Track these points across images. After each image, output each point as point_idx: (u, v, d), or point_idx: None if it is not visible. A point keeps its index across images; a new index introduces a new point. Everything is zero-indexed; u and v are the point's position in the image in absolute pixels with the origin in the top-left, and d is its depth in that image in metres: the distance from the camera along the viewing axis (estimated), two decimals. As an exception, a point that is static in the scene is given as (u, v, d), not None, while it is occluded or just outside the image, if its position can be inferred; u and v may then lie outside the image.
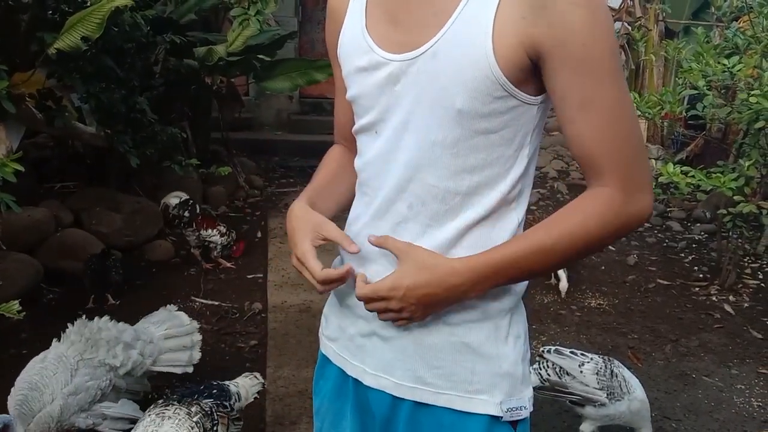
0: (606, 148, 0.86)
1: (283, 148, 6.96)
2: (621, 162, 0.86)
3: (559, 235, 0.87)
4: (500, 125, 0.88)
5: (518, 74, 0.85)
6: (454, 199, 0.91)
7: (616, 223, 0.88)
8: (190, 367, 2.37)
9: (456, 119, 0.87)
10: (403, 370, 0.96)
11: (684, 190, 3.35)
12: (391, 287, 0.88)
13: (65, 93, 3.53)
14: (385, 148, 0.96)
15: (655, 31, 6.13)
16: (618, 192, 0.86)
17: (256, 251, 4.20)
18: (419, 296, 0.88)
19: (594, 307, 3.57)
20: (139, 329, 2.29)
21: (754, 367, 2.98)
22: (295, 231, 0.99)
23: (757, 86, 3.14)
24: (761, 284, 3.98)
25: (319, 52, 7.80)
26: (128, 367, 2.10)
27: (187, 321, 2.44)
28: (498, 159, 0.90)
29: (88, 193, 4.09)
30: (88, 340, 2.06)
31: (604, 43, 0.84)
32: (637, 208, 0.88)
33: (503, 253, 0.88)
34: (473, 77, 0.84)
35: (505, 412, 0.93)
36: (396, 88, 0.92)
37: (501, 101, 0.86)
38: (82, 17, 2.85)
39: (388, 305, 0.89)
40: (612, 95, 0.85)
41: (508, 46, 0.83)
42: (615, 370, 2.15)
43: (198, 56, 4.16)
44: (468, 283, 0.88)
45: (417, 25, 0.89)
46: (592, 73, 0.84)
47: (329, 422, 1.10)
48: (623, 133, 0.86)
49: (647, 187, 0.89)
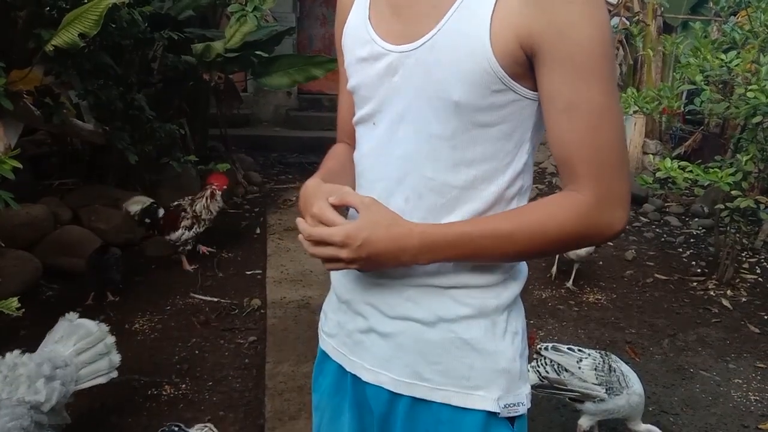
0: (585, 154, 0.84)
1: (281, 144, 6.96)
2: (598, 170, 0.84)
3: (517, 226, 0.87)
4: (499, 119, 0.88)
5: (516, 68, 0.84)
6: (451, 193, 0.91)
7: (580, 231, 0.86)
8: (113, 372, 2.17)
9: (454, 111, 0.87)
10: (401, 366, 0.96)
11: (682, 185, 3.36)
12: (347, 236, 0.86)
13: (63, 90, 3.52)
14: (382, 140, 0.96)
15: (653, 25, 6.12)
16: (589, 200, 0.85)
17: (254, 247, 4.20)
18: (373, 250, 0.87)
19: (592, 302, 3.58)
20: (52, 356, 2.04)
21: (751, 362, 3.00)
22: (308, 197, 0.95)
23: (755, 81, 3.14)
24: (759, 279, 3.99)
25: (318, 48, 7.80)
26: (53, 402, 1.90)
27: (94, 328, 2.20)
28: (497, 153, 0.90)
29: (87, 190, 4.09)
30: (5, 378, 1.88)
31: (599, 45, 0.82)
32: (608, 220, 0.86)
33: (460, 229, 0.88)
34: (471, 70, 0.84)
35: (502, 408, 0.93)
36: (394, 79, 0.92)
37: (499, 95, 0.86)
38: (80, 14, 2.85)
39: (338, 253, 0.87)
40: (599, 101, 0.83)
41: (505, 39, 0.82)
42: (613, 365, 2.15)
43: (196, 53, 4.15)
44: (420, 248, 0.87)
45: (417, 16, 0.89)
46: (582, 75, 0.82)
47: (328, 418, 1.10)
48: (606, 141, 0.84)
49: (622, 202, 0.86)
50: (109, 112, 3.62)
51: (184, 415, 2.44)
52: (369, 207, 0.89)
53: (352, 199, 0.90)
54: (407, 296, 0.95)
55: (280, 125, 7.57)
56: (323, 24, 7.88)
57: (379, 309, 0.97)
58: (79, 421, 2.38)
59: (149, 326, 3.11)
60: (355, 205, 0.90)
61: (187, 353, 2.89)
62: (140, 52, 4.10)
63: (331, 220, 0.89)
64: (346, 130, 1.12)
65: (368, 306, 0.99)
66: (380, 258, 0.88)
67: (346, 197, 0.91)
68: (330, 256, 0.89)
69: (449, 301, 0.93)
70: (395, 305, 0.96)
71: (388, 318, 0.97)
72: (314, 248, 0.90)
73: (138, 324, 3.12)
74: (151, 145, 3.90)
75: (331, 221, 0.89)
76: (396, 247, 0.87)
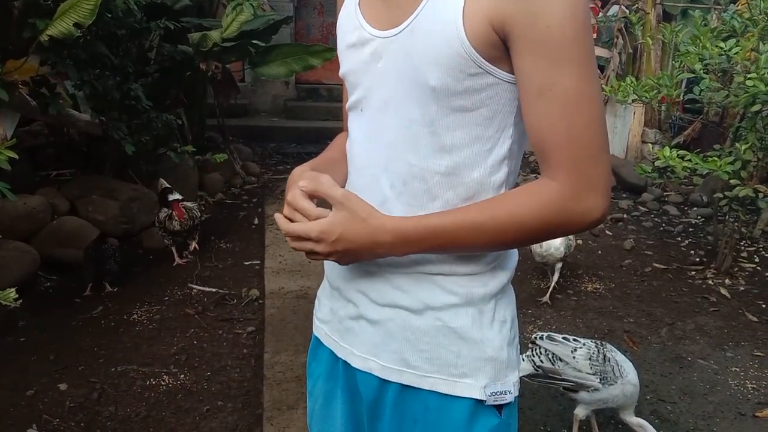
0: (558, 139, 0.82)
1: (279, 134, 6.94)
2: (572, 156, 0.82)
3: (491, 216, 0.86)
4: (477, 103, 0.87)
5: (491, 51, 0.83)
6: (433, 179, 0.91)
7: (557, 220, 0.85)
8: None
9: (431, 96, 0.87)
10: (389, 353, 0.96)
11: (681, 174, 3.35)
12: (323, 231, 0.87)
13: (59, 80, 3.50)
14: (369, 127, 0.96)
15: (653, 14, 6.09)
16: (564, 188, 0.83)
17: (253, 238, 4.20)
18: (348, 245, 0.88)
19: (590, 292, 3.58)
20: None
21: (749, 350, 3.00)
22: (290, 183, 0.97)
23: (754, 69, 3.12)
24: (757, 268, 4.00)
25: (315, 37, 7.76)
26: None
27: None
28: (477, 139, 0.89)
29: (84, 181, 4.08)
30: None
31: (571, 29, 0.80)
32: (583, 208, 0.84)
33: (433, 222, 0.88)
34: (445, 54, 0.83)
35: (488, 396, 0.93)
36: (378, 65, 0.92)
37: (475, 78, 0.85)
38: (75, 3, 2.83)
39: (314, 248, 0.89)
40: (573, 85, 0.81)
41: (479, 23, 0.81)
42: (608, 355, 2.16)
43: (192, 42, 4.13)
44: (394, 242, 0.88)
45: (401, 1, 0.89)
46: (554, 60, 0.80)
47: (321, 403, 1.11)
48: (580, 126, 0.82)
49: (601, 189, 0.84)
50: (105, 102, 3.60)
51: (183, 405, 2.45)
52: (343, 201, 0.88)
53: (326, 191, 0.89)
54: (396, 284, 0.95)
55: (277, 115, 7.55)
56: (321, 13, 7.84)
57: (369, 296, 0.98)
58: (77, 411, 2.39)
59: (147, 317, 3.11)
60: (327, 196, 0.89)
61: (185, 343, 2.89)
62: (136, 42, 4.08)
63: (302, 208, 0.90)
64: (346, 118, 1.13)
65: (358, 293, 0.99)
66: (356, 252, 0.89)
67: (319, 187, 0.90)
68: (308, 249, 0.90)
69: (437, 289, 0.93)
70: (384, 292, 0.96)
71: (377, 305, 0.97)
72: (294, 242, 0.91)
73: (136, 314, 3.13)
74: (148, 135, 3.88)
75: (302, 209, 0.90)
76: (370, 241, 0.88)
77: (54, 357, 2.73)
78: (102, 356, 2.76)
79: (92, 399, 2.47)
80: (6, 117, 3.11)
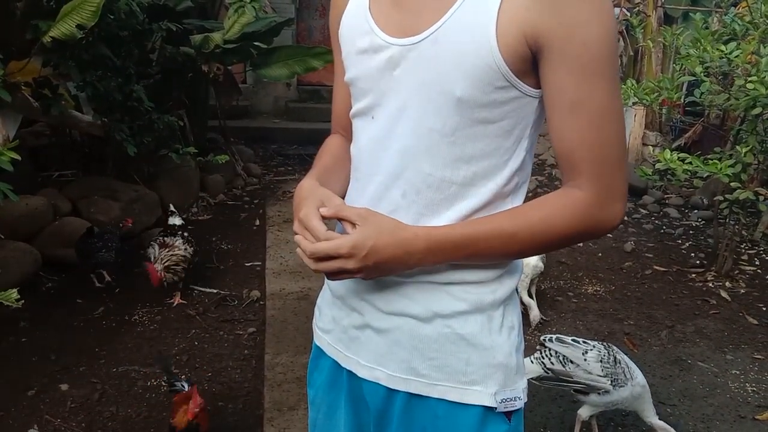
0: (588, 152, 0.85)
1: (280, 135, 6.95)
2: (600, 169, 0.86)
3: (521, 225, 0.87)
4: (500, 116, 0.87)
5: (520, 65, 0.83)
6: (449, 189, 0.90)
7: (583, 226, 0.88)
8: None
9: (455, 107, 0.86)
10: (397, 362, 0.95)
11: (681, 176, 3.36)
12: (354, 245, 0.85)
13: (61, 81, 3.51)
14: (380, 134, 0.94)
15: (654, 17, 6.10)
16: (591, 197, 0.86)
17: (254, 239, 4.21)
18: (380, 258, 0.86)
19: (590, 294, 3.59)
20: None
21: (749, 353, 3.01)
22: (302, 200, 0.94)
23: (755, 72, 3.13)
24: (757, 270, 4.00)
25: (317, 39, 7.78)
26: None
27: None
28: (496, 150, 0.89)
29: (86, 182, 4.09)
30: None
31: (606, 46, 0.82)
32: (607, 216, 0.87)
33: (464, 230, 0.88)
34: (474, 65, 0.83)
35: (499, 402, 0.93)
36: (395, 73, 0.90)
37: (502, 91, 0.85)
38: (77, 5, 2.84)
39: (344, 265, 0.86)
40: (604, 101, 0.84)
41: (511, 35, 0.81)
42: (617, 357, 2.14)
43: (194, 44, 4.14)
44: (425, 251, 0.87)
45: (420, 8, 0.88)
46: (587, 76, 0.82)
47: (324, 413, 1.10)
48: (608, 140, 0.85)
49: (622, 197, 0.88)
50: (107, 103, 3.61)
51: (184, 406, 2.45)
52: (367, 218, 0.88)
53: (347, 213, 0.89)
54: (403, 292, 0.94)
55: (279, 117, 7.56)
56: (322, 15, 7.85)
57: (374, 305, 0.97)
58: (78, 411, 2.40)
59: (149, 318, 3.12)
60: (350, 218, 0.88)
61: (186, 344, 2.90)
62: (139, 44, 4.09)
63: (314, 228, 0.88)
64: (340, 122, 1.11)
65: (363, 302, 0.98)
66: (387, 264, 0.88)
67: (340, 211, 0.89)
68: (336, 269, 0.88)
69: (445, 297, 0.93)
70: (390, 301, 0.95)
71: (383, 314, 0.96)
72: (318, 264, 0.89)
73: (138, 315, 3.13)
74: (149, 136, 3.90)
75: (314, 229, 0.88)
76: (403, 251, 0.87)
77: (55, 357, 2.74)
78: (103, 357, 2.77)
79: (93, 399, 2.47)
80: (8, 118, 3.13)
